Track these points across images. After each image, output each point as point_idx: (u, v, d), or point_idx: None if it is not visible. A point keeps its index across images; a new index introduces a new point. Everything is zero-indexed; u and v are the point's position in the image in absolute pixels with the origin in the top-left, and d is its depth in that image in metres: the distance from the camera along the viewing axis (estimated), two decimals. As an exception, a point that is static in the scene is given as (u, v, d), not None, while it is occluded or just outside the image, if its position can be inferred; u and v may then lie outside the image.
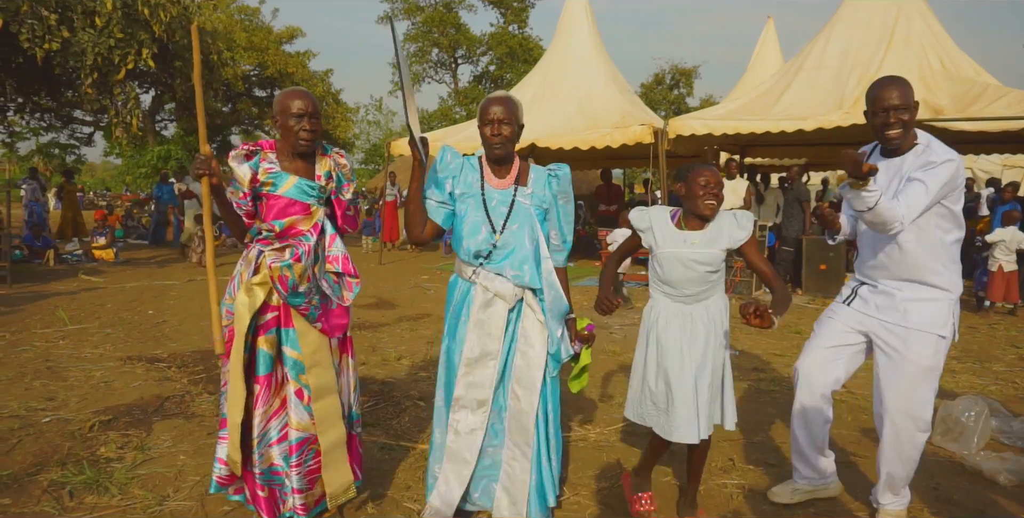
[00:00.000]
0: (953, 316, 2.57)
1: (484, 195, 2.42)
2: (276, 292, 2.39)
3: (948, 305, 2.56)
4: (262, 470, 2.44)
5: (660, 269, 2.59)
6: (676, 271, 2.54)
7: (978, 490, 3.00)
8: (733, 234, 2.54)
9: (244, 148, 2.44)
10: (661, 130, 9.20)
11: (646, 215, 2.65)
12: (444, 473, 2.42)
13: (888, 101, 2.46)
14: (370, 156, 36.17)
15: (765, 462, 3.29)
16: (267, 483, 2.46)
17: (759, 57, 16.58)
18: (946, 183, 2.40)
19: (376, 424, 3.69)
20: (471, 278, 2.42)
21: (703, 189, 2.50)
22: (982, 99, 8.10)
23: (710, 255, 2.52)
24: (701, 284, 2.54)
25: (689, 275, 2.53)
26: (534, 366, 2.40)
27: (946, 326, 2.54)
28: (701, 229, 2.56)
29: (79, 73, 10.77)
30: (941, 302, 2.55)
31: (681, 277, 2.54)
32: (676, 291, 2.58)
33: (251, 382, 2.43)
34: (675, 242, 2.56)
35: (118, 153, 26.72)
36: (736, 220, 2.56)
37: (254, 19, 23.68)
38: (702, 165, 2.57)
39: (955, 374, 4.94)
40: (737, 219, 2.56)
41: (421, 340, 5.83)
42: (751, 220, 2.57)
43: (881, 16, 9.30)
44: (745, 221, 2.56)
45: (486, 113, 2.38)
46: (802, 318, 7.13)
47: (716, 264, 2.53)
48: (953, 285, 2.57)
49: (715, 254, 2.52)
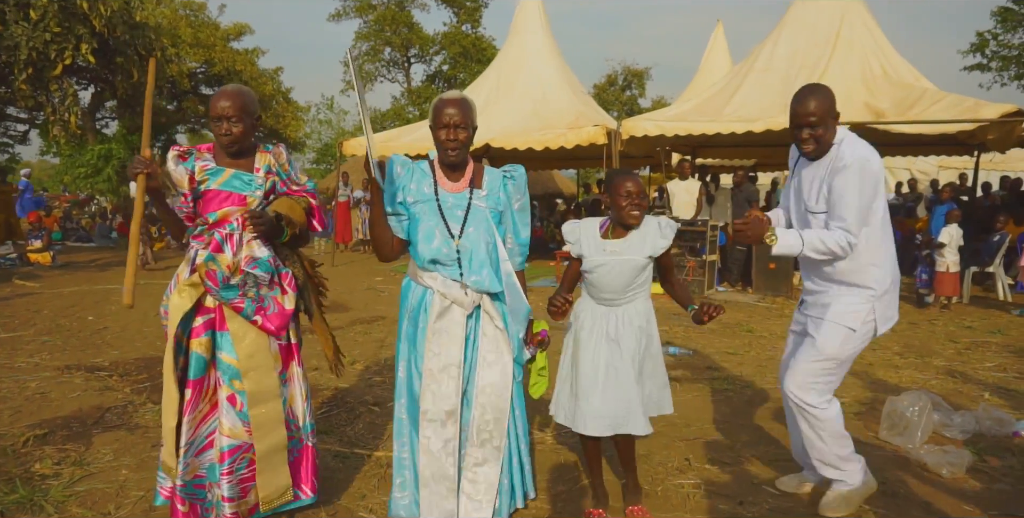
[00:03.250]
0: (874, 312, 2.64)
1: (439, 199, 2.36)
2: (207, 289, 2.34)
3: (868, 301, 2.63)
4: (184, 482, 2.36)
5: (586, 275, 2.67)
6: (598, 278, 2.60)
7: (922, 484, 3.09)
8: (655, 242, 2.58)
9: (176, 150, 2.43)
10: (614, 131, 9.28)
11: (576, 229, 2.70)
12: (426, 503, 2.35)
13: (801, 118, 2.56)
14: (321, 156, 35.55)
15: (721, 461, 3.32)
16: (188, 497, 2.38)
17: (709, 59, 16.87)
18: (862, 182, 2.49)
19: (329, 431, 3.60)
20: (427, 284, 2.37)
21: (625, 199, 2.54)
22: (921, 103, 8.41)
23: (629, 262, 2.56)
24: (623, 290, 2.60)
25: (610, 281, 2.59)
26: (499, 373, 2.36)
27: (858, 320, 2.62)
28: (623, 237, 2.61)
29: (12, 68, 10.29)
30: (861, 298, 2.64)
31: (603, 283, 2.60)
32: (600, 295, 2.65)
33: (183, 386, 2.35)
34: (597, 251, 2.61)
35: (55, 152, 25.62)
36: (660, 229, 2.60)
37: (200, 15, 22.96)
38: (624, 173, 2.62)
39: (898, 369, 5.10)
40: (661, 228, 2.60)
41: (375, 343, 5.74)
42: (674, 229, 2.61)
43: (826, 21, 9.57)
44: (668, 230, 2.60)
45: (440, 115, 2.32)
46: (752, 316, 7.27)
47: (636, 270, 2.56)
48: (878, 282, 2.64)
49: (635, 261, 2.56)
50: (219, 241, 2.36)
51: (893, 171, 17.04)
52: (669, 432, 3.67)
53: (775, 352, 5.62)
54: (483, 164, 2.52)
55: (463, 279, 2.33)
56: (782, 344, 5.92)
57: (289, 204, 2.50)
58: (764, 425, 3.84)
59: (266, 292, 2.44)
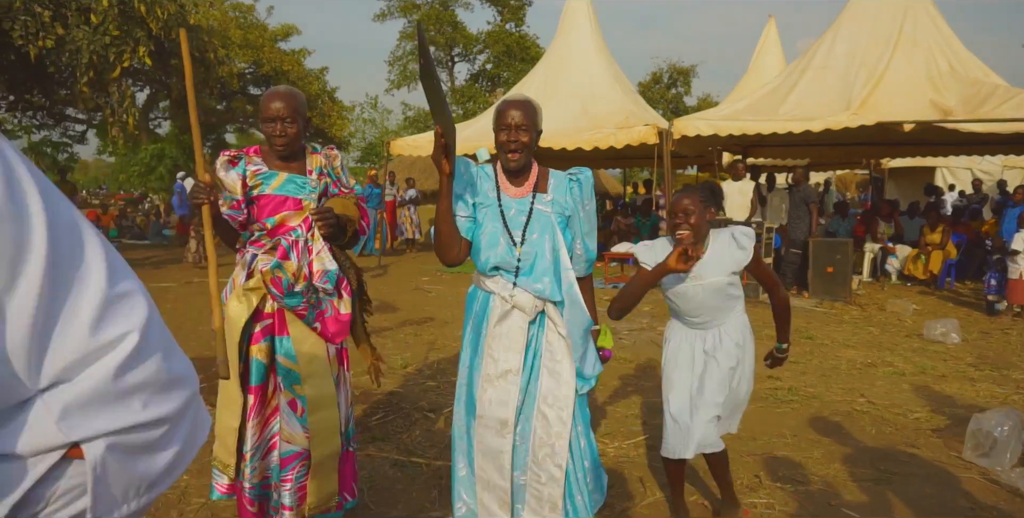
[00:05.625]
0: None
1: (501, 205, 2.27)
2: (271, 297, 2.30)
3: None
4: (252, 484, 2.35)
5: (670, 302, 2.53)
6: (683, 304, 2.48)
7: (1015, 510, 2.88)
8: (734, 255, 2.44)
9: (226, 155, 2.38)
10: (666, 131, 9.08)
11: (652, 253, 2.55)
12: (484, 504, 2.27)
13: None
14: (366, 155, 35.95)
15: (792, 479, 3.16)
16: (257, 498, 2.38)
17: (760, 56, 16.45)
18: None
19: (386, 438, 3.56)
20: (489, 288, 2.28)
21: (676, 217, 2.42)
22: (991, 100, 8.00)
23: (713, 285, 2.42)
24: (715, 312, 2.47)
25: (696, 307, 2.46)
26: (563, 383, 2.25)
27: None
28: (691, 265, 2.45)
29: (74, 71, 10.58)
30: None
31: (689, 308, 2.48)
32: (690, 319, 2.52)
33: (245, 392, 2.32)
34: (675, 277, 2.46)
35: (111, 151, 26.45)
36: (734, 240, 2.45)
37: (249, 17, 23.42)
38: (680, 192, 2.49)
39: (974, 382, 4.84)
40: (735, 238, 2.45)
41: (425, 346, 5.70)
42: (751, 237, 2.46)
43: (888, 16, 9.19)
44: (745, 239, 2.45)
45: (503, 117, 2.22)
46: (811, 322, 7.02)
47: (722, 290, 2.42)
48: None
49: (719, 282, 2.42)
50: (286, 248, 2.31)
51: (954, 171, 16.39)
52: (736, 446, 3.51)
53: (838, 361, 5.40)
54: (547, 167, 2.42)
55: (526, 286, 2.23)
56: (845, 352, 5.72)
57: (342, 203, 2.45)
58: (836, 441, 3.66)
59: (324, 296, 2.39)
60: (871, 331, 6.65)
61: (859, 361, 5.41)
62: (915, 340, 6.21)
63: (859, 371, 5.14)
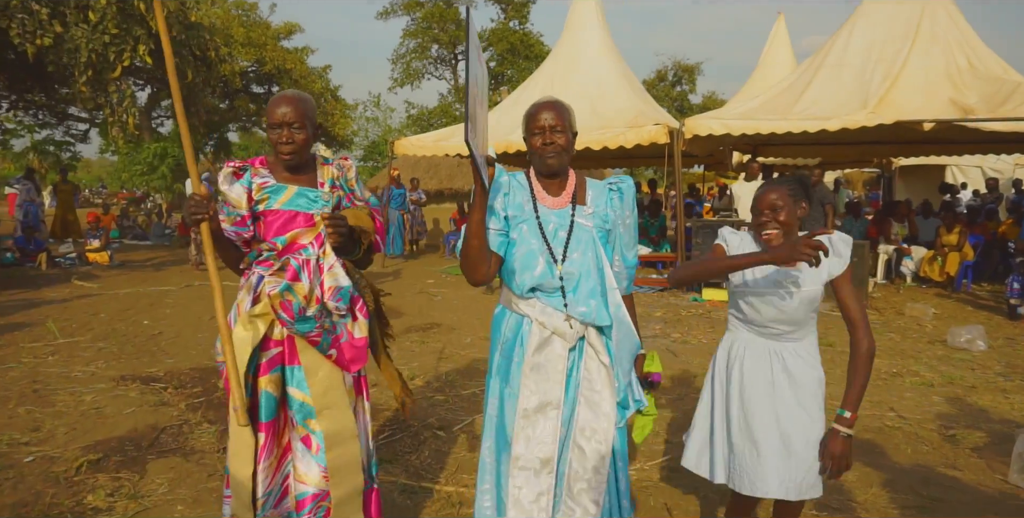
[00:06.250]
0: None
1: (539, 218, 2.05)
2: (280, 322, 2.08)
3: None
4: None
5: (748, 306, 2.19)
6: (766, 310, 2.16)
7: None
8: (830, 263, 2.11)
9: (231, 166, 2.14)
10: (677, 130, 8.86)
11: (738, 238, 2.22)
12: None
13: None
14: (369, 153, 35.78)
15: (828, 506, 2.95)
16: None
17: (769, 54, 16.18)
18: None
19: (393, 460, 3.36)
20: (523, 312, 2.07)
21: (763, 215, 2.11)
22: (1014, 97, 7.78)
23: (808, 294, 2.13)
24: (795, 323, 2.17)
25: (778, 314, 2.15)
26: (602, 416, 2.04)
27: None
28: (796, 265, 2.12)
29: (73, 70, 10.40)
30: None
31: (771, 315, 2.16)
32: (766, 329, 2.20)
33: (255, 429, 2.10)
34: (769, 281, 2.14)
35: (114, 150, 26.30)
36: (831, 246, 2.11)
37: (251, 14, 23.26)
38: (767, 186, 2.17)
39: (1007, 394, 4.62)
40: (832, 244, 2.12)
41: (433, 355, 5.50)
42: (849, 244, 2.14)
43: (905, 12, 8.96)
44: (843, 247, 2.13)
45: (535, 121, 2.02)
46: (829, 328, 6.79)
47: (813, 302, 2.17)
48: None
49: (813, 292, 2.13)
50: (296, 268, 2.09)
51: (964, 169, 16.11)
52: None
53: (863, 371, 5.18)
54: (584, 176, 2.21)
55: (567, 310, 2.02)
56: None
57: (355, 214, 2.24)
58: (870, 461, 3.45)
59: (337, 319, 2.18)
60: (891, 337, 6.44)
61: (883, 370, 5.20)
62: (939, 347, 5.99)
63: (884, 382, 4.93)
